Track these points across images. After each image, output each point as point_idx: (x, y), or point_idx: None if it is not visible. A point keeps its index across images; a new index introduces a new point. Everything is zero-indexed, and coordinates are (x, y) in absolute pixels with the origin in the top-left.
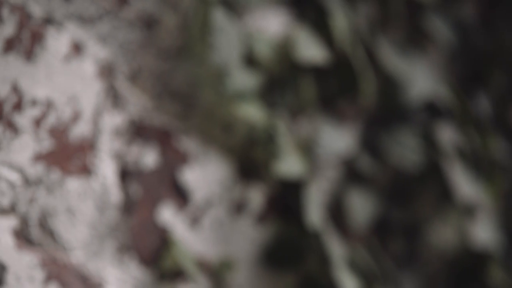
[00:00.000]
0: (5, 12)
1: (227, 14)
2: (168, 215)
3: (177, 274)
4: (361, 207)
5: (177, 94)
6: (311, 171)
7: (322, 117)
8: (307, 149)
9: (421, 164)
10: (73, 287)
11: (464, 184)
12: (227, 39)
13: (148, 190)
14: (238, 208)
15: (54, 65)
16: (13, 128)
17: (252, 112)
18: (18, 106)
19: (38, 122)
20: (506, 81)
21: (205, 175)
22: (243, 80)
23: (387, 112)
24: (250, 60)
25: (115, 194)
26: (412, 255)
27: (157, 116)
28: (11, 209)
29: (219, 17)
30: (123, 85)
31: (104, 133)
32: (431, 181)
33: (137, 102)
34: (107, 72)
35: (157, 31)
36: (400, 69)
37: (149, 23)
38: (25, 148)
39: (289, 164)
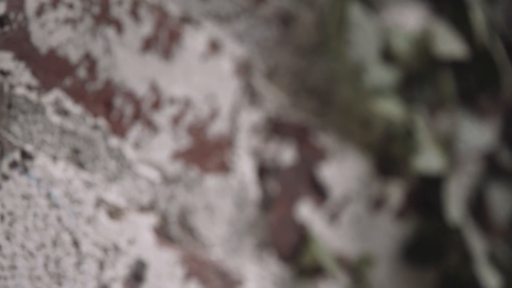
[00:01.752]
0: (143, 11)
1: (364, 9)
2: (307, 211)
3: (316, 270)
4: (502, 201)
5: (314, 90)
6: (451, 166)
7: (462, 112)
8: (447, 144)
9: None
10: (212, 284)
11: None
12: (364, 34)
13: (286, 187)
14: (377, 204)
15: (192, 64)
16: (152, 126)
17: (390, 108)
18: (157, 105)
19: (176, 120)
20: None
21: (343, 171)
22: (381, 75)
23: None
24: (388, 55)
25: (253, 191)
26: None
27: (294, 113)
28: (151, 207)
29: (356, 12)
30: (260, 83)
31: (242, 130)
32: None
33: (274, 99)
34: (244, 69)
35: (293, 28)
36: None
37: (285, 20)
38: (164, 146)
39: (429, 159)
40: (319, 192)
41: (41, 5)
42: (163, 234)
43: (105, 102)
